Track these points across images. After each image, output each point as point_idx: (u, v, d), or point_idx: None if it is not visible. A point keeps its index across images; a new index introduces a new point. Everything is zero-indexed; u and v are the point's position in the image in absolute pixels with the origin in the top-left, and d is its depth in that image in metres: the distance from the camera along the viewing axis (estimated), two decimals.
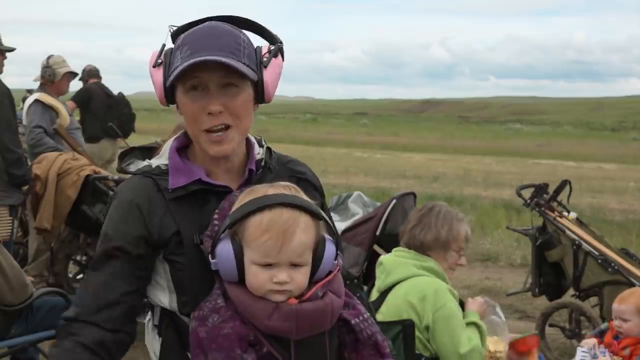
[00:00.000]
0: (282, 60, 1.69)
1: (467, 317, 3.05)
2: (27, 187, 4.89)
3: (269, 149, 1.79)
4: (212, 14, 1.71)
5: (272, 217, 1.51)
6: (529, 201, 5.41)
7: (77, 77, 6.80)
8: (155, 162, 1.72)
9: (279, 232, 1.50)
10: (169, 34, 1.71)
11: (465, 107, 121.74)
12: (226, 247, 1.53)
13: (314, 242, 1.55)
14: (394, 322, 2.90)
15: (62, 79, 6.24)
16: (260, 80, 1.64)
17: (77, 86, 8.14)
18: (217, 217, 1.61)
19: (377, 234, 4.20)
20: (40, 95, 6.05)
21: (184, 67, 1.57)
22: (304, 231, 1.52)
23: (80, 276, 5.68)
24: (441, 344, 2.93)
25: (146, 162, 1.75)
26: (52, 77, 6.15)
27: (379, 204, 4.63)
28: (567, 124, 61.33)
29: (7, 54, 4.87)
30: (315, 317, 1.52)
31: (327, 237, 1.58)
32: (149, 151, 1.81)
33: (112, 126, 7.82)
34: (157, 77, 1.65)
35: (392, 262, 3.16)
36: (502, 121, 67.56)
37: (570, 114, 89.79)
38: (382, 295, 3.11)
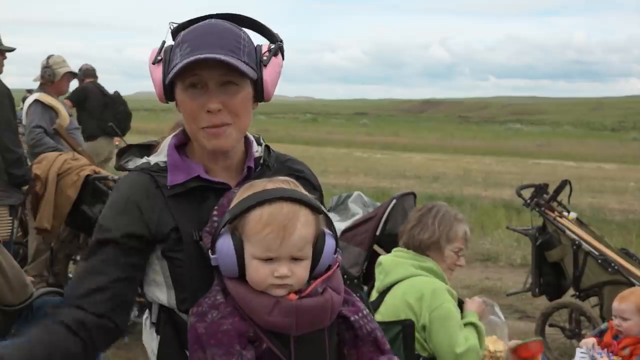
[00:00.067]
0: (282, 59, 1.69)
1: (465, 317, 3.04)
2: (27, 187, 4.88)
3: (267, 147, 1.79)
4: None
5: (273, 211, 1.51)
6: (529, 201, 5.41)
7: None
8: (153, 159, 1.72)
9: (280, 226, 1.50)
10: (169, 31, 1.70)
11: (465, 107, 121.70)
12: (226, 242, 1.53)
13: (314, 236, 1.55)
14: (394, 322, 2.89)
15: (62, 79, 6.24)
16: (259, 78, 1.64)
17: (73, 85, 8.14)
18: (216, 213, 1.61)
19: (377, 234, 4.19)
20: (40, 95, 6.05)
21: (183, 65, 1.56)
22: (304, 225, 1.52)
23: None
24: (437, 344, 2.93)
25: (144, 160, 1.75)
26: (52, 77, 6.15)
27: (379, 204, 4.62)
28: (567, 124, 61.29)
29: (7, 54, 4.87)
30: (315, 313, 1.52)
31: (326, 231, 1.58)
32: (147, 149, 1.81)
33: (112, 126, 7.82)
34: (157, 74, 1.65)
35: (391, 263, 3.15)
36: (502, 121, 67.50)
37: (570, 114, 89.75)
38: (381, 295, 3.10)
